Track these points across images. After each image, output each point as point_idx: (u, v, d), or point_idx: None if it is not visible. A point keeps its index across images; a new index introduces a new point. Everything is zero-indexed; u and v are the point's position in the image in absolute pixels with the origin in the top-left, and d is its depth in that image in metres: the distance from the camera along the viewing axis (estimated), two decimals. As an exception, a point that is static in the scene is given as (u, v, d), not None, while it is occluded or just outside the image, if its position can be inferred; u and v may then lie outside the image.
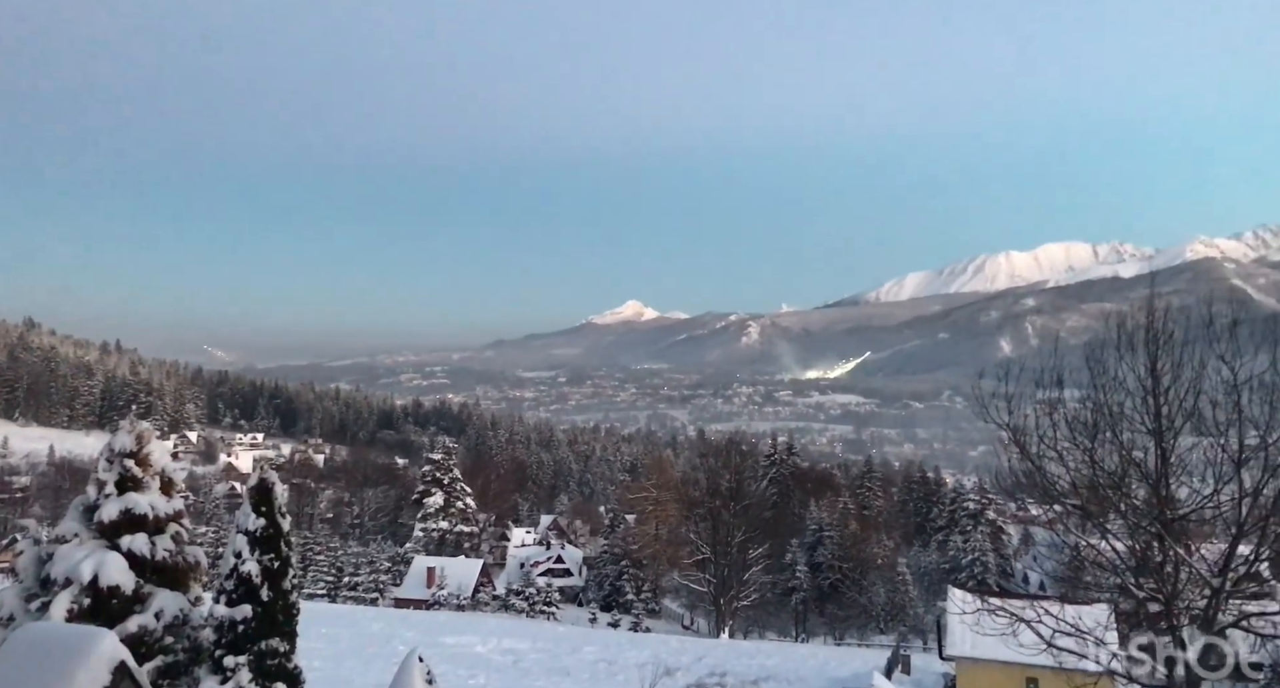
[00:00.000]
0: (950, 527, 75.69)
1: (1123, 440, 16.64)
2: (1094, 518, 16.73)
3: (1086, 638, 15.01)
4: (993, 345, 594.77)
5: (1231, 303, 29.21)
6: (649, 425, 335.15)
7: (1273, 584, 34.81)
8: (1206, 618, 14.36)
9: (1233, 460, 15.34)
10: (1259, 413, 15.46)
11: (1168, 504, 16.18)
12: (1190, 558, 15.74)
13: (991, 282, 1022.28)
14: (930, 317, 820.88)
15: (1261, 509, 15.22)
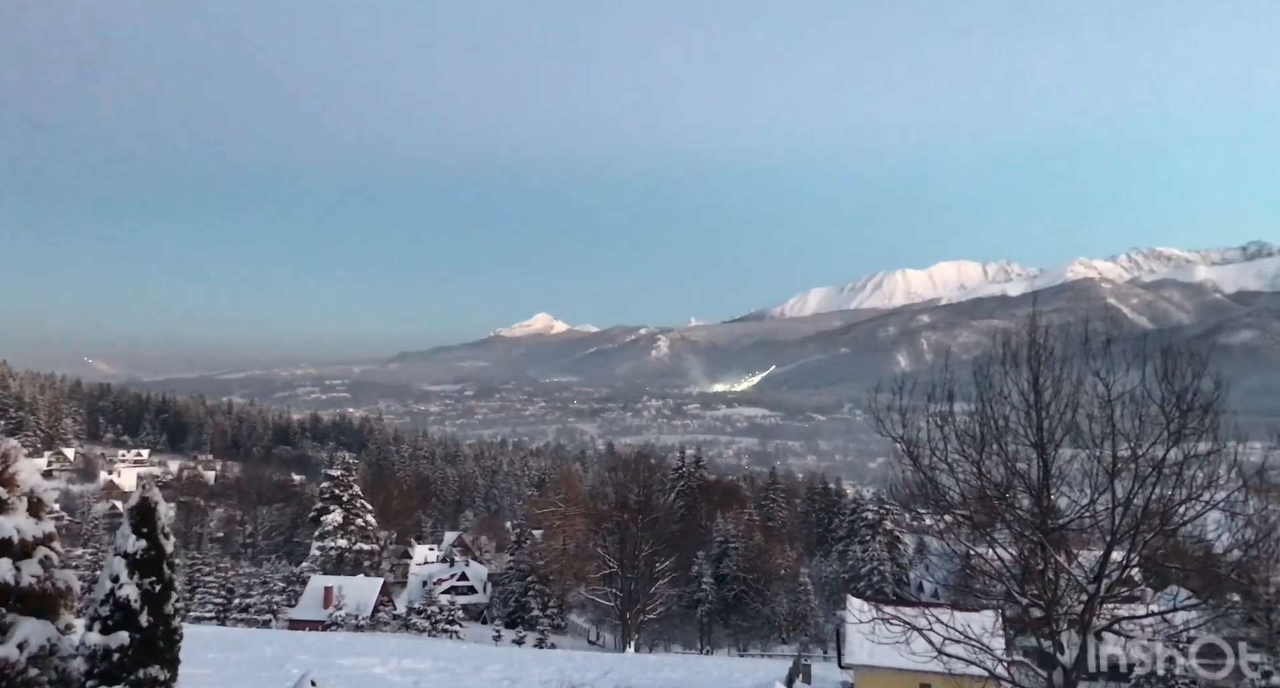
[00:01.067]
0: (850, 537, 77.66)
1: (1008, 453, 17.40)
2: (981, 528, 17.41)
3: (974, 645, 15.58)
4: (890, 360, 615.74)
5: (1106, 321, 30.91)
6: (558, 439, 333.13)
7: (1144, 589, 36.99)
8: (1083, 623, 15.11)
9: (1107, 472, 16.22)
10: (1130, 426, 16.42)
11: (1049, 514, 16.99)
12: (1069, 565, 16.57)
13: (890, 298, 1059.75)
14: (832, 332, 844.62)
15: (1132, 518, 16.15)
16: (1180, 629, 16.56)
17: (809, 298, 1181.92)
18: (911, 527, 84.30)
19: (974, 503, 18.30)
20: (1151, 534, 16.14)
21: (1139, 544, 16.13)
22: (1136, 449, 15.86)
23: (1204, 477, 16.28)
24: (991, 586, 18.63)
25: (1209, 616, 18.69)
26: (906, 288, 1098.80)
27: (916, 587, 68.19)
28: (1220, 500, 15.90)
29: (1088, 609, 15.30)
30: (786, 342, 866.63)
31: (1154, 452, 15.80)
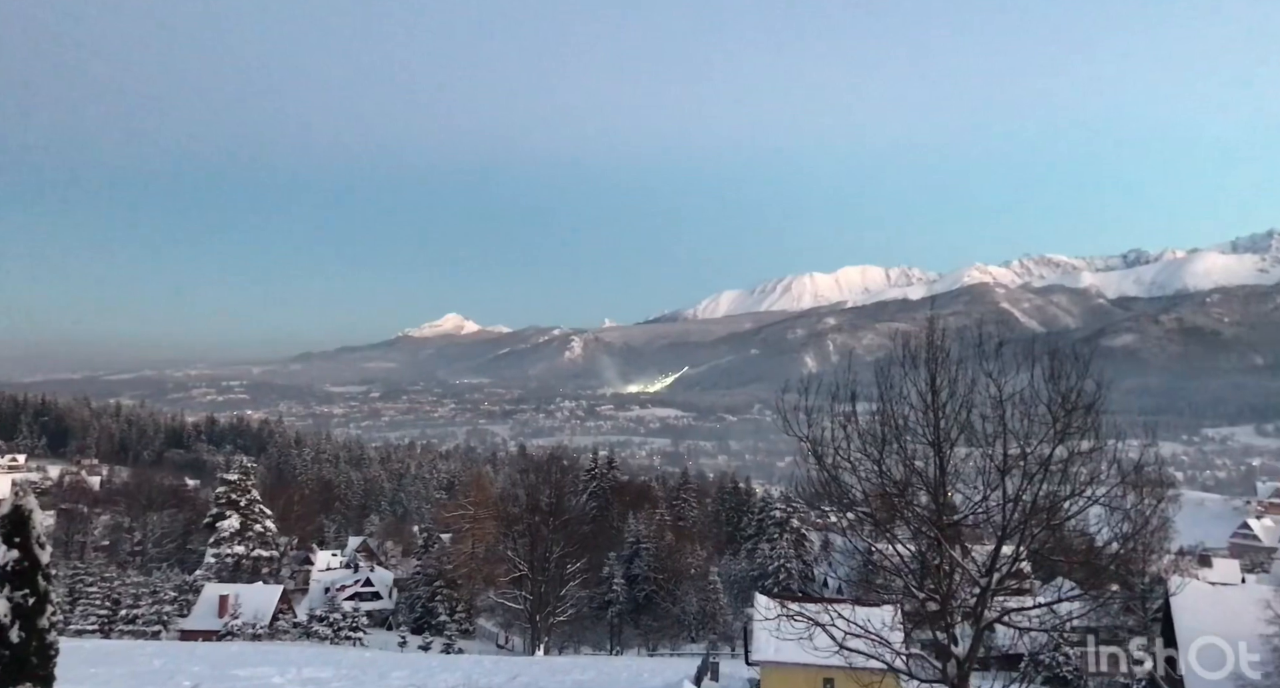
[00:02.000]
0: (759, 535, 78.97)
1: (907, 451, 17.98)
2: (882, 525, 17.91)
3: (874, 639, 16.02)
4: (799, 361, 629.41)
5: (1000, 325, 31.87)
6: (468, 442, 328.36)
7: (1033, 582, 38.82)
8: (975, 615, 15.71)
9: (998, 469, 16.94)
10: (1020, 426, 17.19)
11: (945, 510, 17.63)
12: (963, 560, 17.23)
13: (798, 301, 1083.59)
14: (743, 333, 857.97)
15: (1022, 513, 16.90)
16: (1064, 619, 17.40)
17: (721, 300, 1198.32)
18: (817, 524, 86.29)
19: (875, 500, 18.84)
20: (1039, 529, 16.93)
21: (1027, 539, 16.89)
22: (1025, 447, 16.61)
23: (1087, 473, 17.18)
24: (891, 581, 19.23)
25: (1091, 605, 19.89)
26: (814, 291, 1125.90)
27: (822, 583, 69.85)
28: (1101, 496, 16.80)
29: (980, 602, 15.92)
30: (699, 343, 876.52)
31: (1041, 450, 16.57)
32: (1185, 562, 48.91)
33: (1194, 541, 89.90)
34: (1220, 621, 27.13)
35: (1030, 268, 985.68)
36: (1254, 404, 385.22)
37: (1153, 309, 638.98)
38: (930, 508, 17.65)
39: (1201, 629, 27.20)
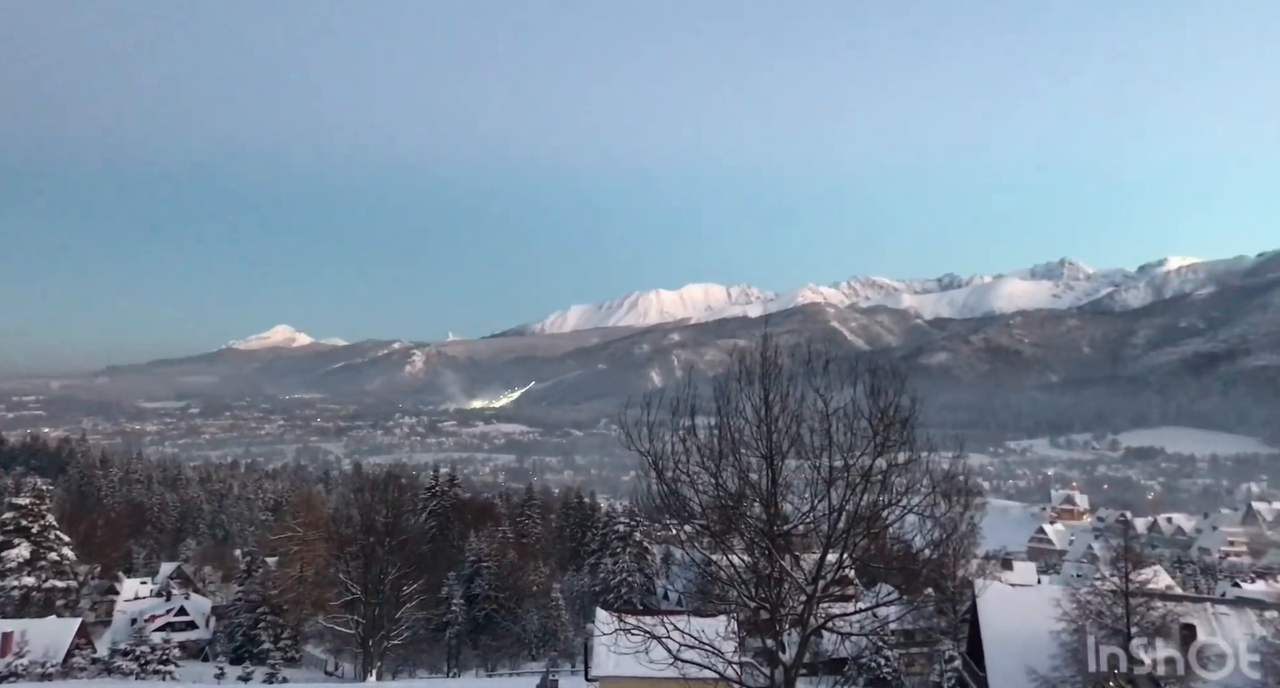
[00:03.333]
0: (602, 550, 79.13)
1: (742, 464, 18.57)
2: (718, 536, 18.34)
3: (708, 649, 16.33)
4: (645, 377, 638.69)
5: (829, 343, 33.24)
6: (298, 460, 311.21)
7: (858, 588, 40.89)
8: (803, 622, 16.33)
9: (824, 480, 17.78)
10: (844, 439, 18.13)
11: (776, 521, 18.30)
12: (792, 569, 17.92)
13: (644, 317, 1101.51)
14: (591, 348, 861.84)
15: (846, 522, 17.80)
16: (884, 622, 18.42)
17: (569, 315, 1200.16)
18: (659, 537, 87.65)
19: (712, 513, 19.31)
20: (861, 537, 17.86)
21: (851, 547, 17.78)
22: (849, 459, 17.54)
23: (903, 483, 18.32)
24: (727, 591, 19.74)
25: (908, 609, 21.33)
26: (660, 307, 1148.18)
27: (662, 596, 70.77)
28: (916, 504, 17.94)
29: (807, 609, 16.55)
30: (547, 358, 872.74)
31: (863, 461, 17.55)
32: (990, 565, 52.93)
33: (998, 545, 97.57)
34: (1019, 620, 29.52)
35: (857, 289, 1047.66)
36: (1050, 418, 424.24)
37: (964, 330, 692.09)
38: (763, 519, 18.25)
39: (1002, 628, 29.50)
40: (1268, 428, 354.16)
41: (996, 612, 30.68)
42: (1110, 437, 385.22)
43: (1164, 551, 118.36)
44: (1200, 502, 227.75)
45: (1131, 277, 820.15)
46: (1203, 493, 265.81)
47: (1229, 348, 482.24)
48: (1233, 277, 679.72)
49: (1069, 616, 27.46)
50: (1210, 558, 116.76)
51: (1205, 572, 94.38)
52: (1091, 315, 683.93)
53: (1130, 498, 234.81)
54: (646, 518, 61.03)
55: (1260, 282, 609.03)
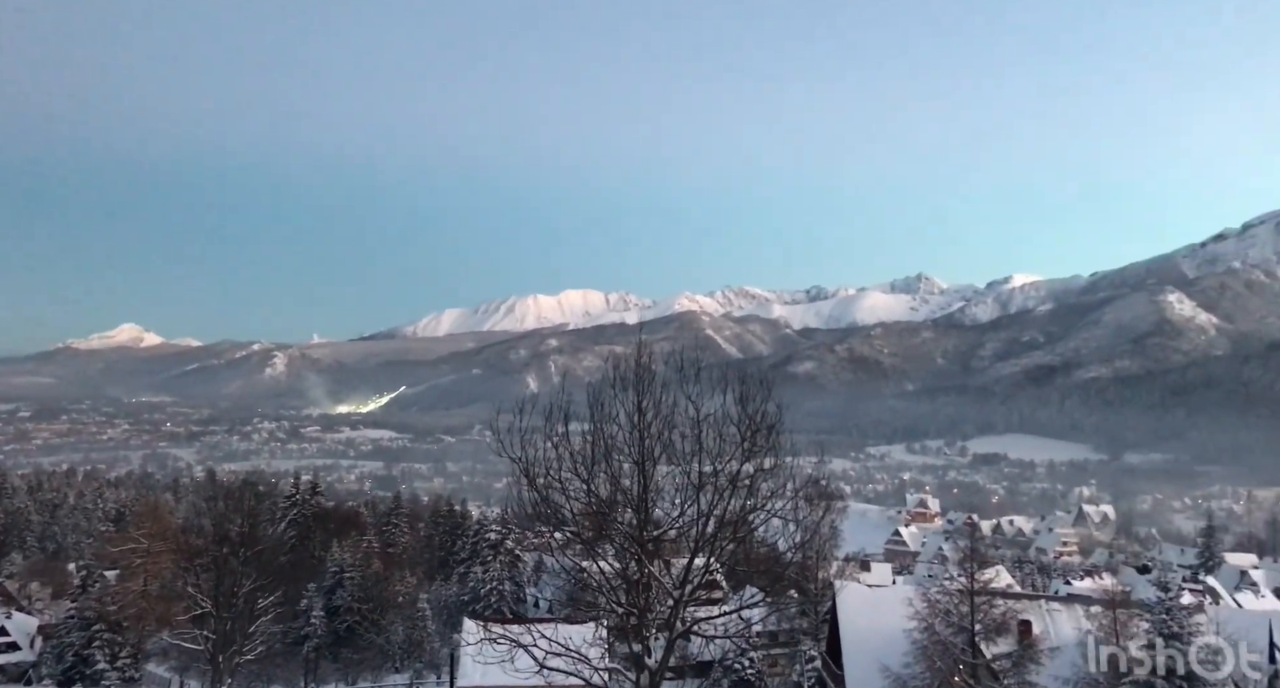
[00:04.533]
0: (472, 558, 77.68)
1: (614, 470, 18.63)
2: (587, 543, 18.32)
3: (574, 656, 16.29)
4: (521, 382, 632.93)
5: (704, 350, 33.96)
6: (145, 467, 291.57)
7: (726, 591, 41.73)
8: (669, 625, 16.52)
9: (694, 485, 18.08)
10: (714, 444, 18.49)
11: (647, 526, 18.45)
12: (661, 574, 18.11)
13: (522, 322, 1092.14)
14: (465, 353, 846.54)
15: (714, 526, 18.14)
16: (748, 624, 18.87)
17: (443, 318, 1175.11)
18: (531, 545, 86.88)
19: (584, 519, 19.29)
20: (727, 542, 18.25)
21: (718, 551, 18.14)
22: (717, 465, 17.91)
23: (769, 488, 18.85)
24: (596, 597, 19.75)
25: (772, 610, 21.96)
26: (538, 312, 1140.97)
27: (533, 604, 70.16)
28: (779, 508, 18.49)
29: (673, 613, 16.76)
30: (418, 362, 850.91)
31: (731, 466, 17.95)
32: (850, 567, 55.22)
33: (858, 547, 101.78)
34: (875, 619, 30.91)
35: (731, 298, 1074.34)
36: (906, 425, 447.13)
37: (829, 340, 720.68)
38: (634, 524, 18.36)
39: (860, 628, 30.81)
40: (1097, 436, 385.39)
41: (854, 612, 32.00)
42: (960, 443, 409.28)
43: (1006, 551, 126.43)
44: (1038, 505, 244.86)
45: (980, 292, 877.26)
46: (1041, 497, 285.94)
47: (1064, 361, 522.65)
48: (1069, 294, 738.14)
49: (920, 614, 28.93)
50: (1046, 558, 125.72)
51: (1041, 571, 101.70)
52: (945, 328, 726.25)
53: (977, 501, 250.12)
54: (519, 525, 60.39)
55: (1092, 300, 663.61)
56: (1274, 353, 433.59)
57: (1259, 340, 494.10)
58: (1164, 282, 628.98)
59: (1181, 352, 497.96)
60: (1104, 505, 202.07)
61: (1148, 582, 26.72)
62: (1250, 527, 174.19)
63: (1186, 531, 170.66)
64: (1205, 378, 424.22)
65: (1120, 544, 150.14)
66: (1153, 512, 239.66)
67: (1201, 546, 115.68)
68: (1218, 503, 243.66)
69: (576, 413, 19.09)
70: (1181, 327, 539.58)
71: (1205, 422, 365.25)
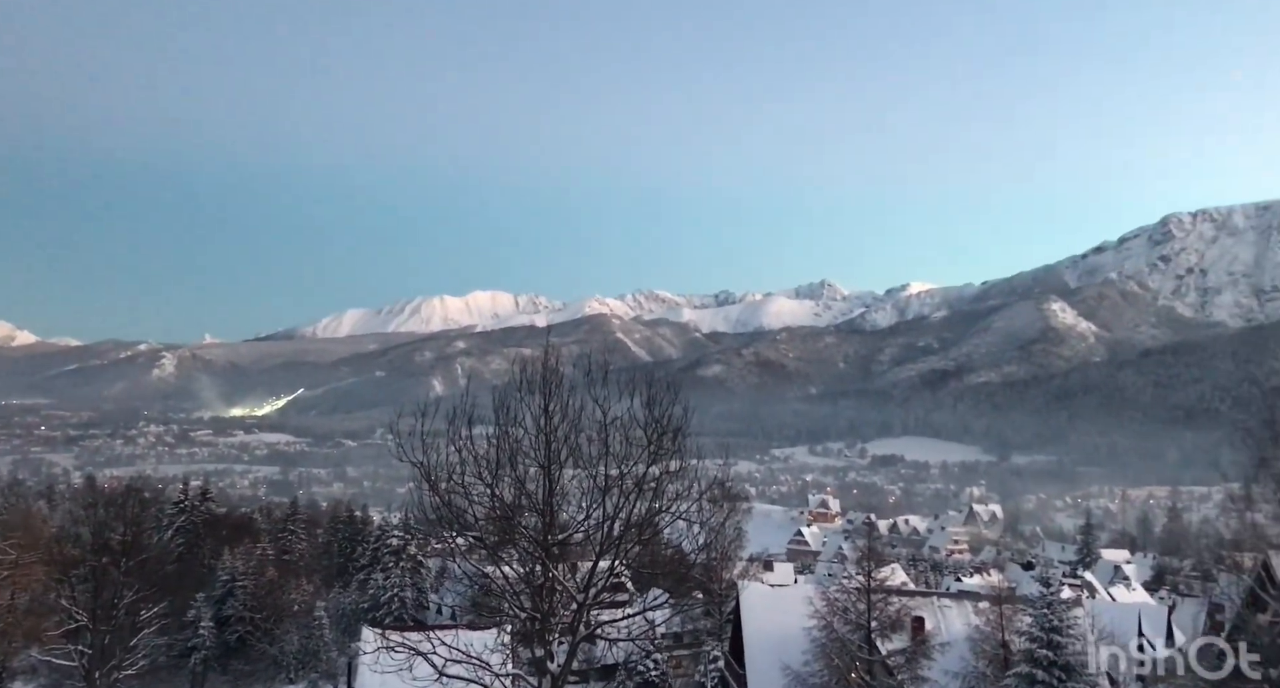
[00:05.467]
0: (373, 565, 75.90)
1: (520, 474, 18.48)
2: (490, 548, 18.12)
3: (475, 662, 16.06)
4: (426, 384, 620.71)
5: (614, 353, 33.82)
6: (16, 473, 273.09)
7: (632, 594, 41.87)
8: (572, 629, 16.46)
9: (600, 488, 18.09)
10: (620, 448, 18.55)
11: (551, 530, 18.36)
12: (571, 577, 18.05)
13: (427, 324, 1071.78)
14: (368, 354, 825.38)
15: (620, 529, 18.18)
16: (652, 626, 18.96)
17: (344, 319, 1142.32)
18: (434, 551, 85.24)
19: (488, 524, 19.05)
20: (632, 544, 18.32)
21: (623, 553, 18.19)
22: (624, 468, 17.97)
23: (675, 490, 19.03)
24: (500, 603, 19.53)
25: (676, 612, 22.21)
26: (444, 314, 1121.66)
27: (436, 610, 68.96)
28: (685, 510, 18.68)
29: (577, 617, 16.71)
30: (318, 363, 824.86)
31: (637, 469, 18.04)
32: (753, 567, 56.18)
33: (761, 547, 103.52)
34: (777, 618, 31.52)
35: (641, 302, 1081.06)
36: (809, 428, 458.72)
37: (737, 344, 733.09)
38: (538, 528, 18.26)
39: (762, 627, 31.37)
40: (987, 438, 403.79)
41: (757, 611, 32.57)
42: (860, 445, 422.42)
43: (902, 550, 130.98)
44: (932, 504, 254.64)
45: (880, 299, 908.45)
46: (935, 497, 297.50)
47: (958, 365, 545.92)
48: (962, 301, 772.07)
49: (819, 613, 29.66)
50: (939, 556, 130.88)
51: (934, 568, 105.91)
52: (846, 333, 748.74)
53: (876, 502, 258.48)
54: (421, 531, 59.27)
55: (983, 307, 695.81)
56: (1146, 360, 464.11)
57: (1132, 348, 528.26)
58: (1048, 291, 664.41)
59: (1064, 358, 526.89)
60: (993, 505, 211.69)
61: (1031, 578, 28.15)
62: (1124, 524, 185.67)
63: (1067, 528, 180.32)
64: (1085, 383, 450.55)
65: (1007, 542, 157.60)
66: (1037, 510, 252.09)
67: (1080, 543, 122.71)
68: (1095, 502, 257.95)
69: (482, 416, 18.88)
70: (1064, 334, 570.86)
71: (1084, 425, 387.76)
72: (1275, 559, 21.62)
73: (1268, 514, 20.89)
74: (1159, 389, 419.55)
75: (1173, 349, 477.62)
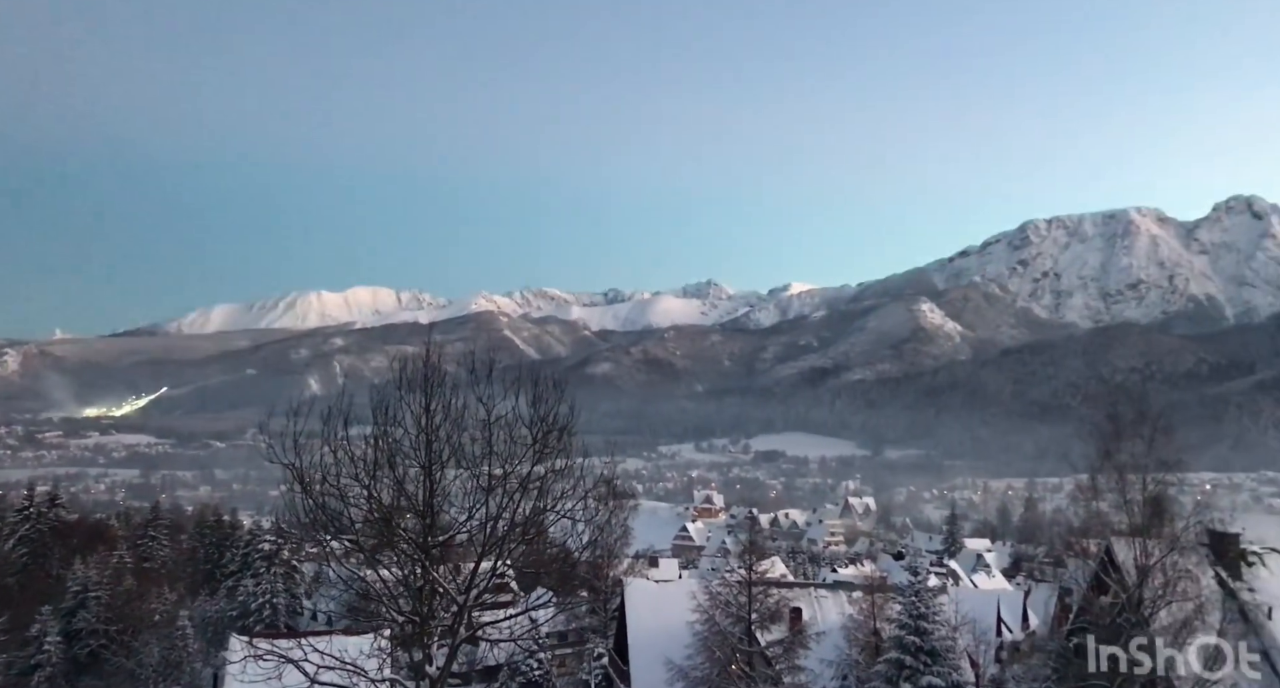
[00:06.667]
0: (243, 571, 72.62)
1: (399, 475, 17.98)
2: (366, 552, 17.60)
3: (349, 668, 15.57)
4: (302, 383, 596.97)
5: (502, 351, 33.31)
6: None
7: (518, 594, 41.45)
8: (452, 631, 16.15)
9: (483, 488, 17.81)
10: (504, 447, 18.30)
11: (432, 531, 17.95)
12: (454, 579, 17.68)
13: (303, 320, 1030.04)
14: (239, 351, 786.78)
15: (504, 529, 17.95)
16: (536, 626, 18.81)
17: (213, 314, 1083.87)
18: (310, 555, 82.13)
19: (365, 527, 18.46)
20: (516, 544, 18.12)
21: (506, 553, 17.96)
22: (508, 467, 17.74)
23: (560, 489, 18.92)
24: (378, 607, 18.96)
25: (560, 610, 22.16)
26: (321, 310, 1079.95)
27: (311, 616, 66.59)
28: (569, 509, 18.61)
29: (457, 619, 16.41)
30: (184, 361, 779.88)
31: (522, 468, 17.85)
32: (639, 564, 56.68)
33: (647, 544, 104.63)
34: (661, 614, 31.86)
35: (530, 299, 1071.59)
36: (696, 425, 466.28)
37: (626, 342, 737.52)
38: (418, 530, 17.83)
39: (646, 623, 31.63)
40: (862, 433, 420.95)
41: (641, 608, 32.82)
42: (744, 441, 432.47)
43: (782, 543, 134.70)
44: (811, 498, 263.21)
45: (763, 299, 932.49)
46: (813, 491, 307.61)
47: (836, 364, 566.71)
48: (839, 302, 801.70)
49: (702, 607, 30.14)
50: (816, 548, 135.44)
51: (812, 560, 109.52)
52: (731, 332, 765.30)
53: (758, 496, 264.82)
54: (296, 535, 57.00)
55: (859, 307, 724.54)
56: (1005, 358, 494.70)
57: (994, 347, 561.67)
58: (919, 292, 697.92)
59: (932, 356, 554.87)
60: (867, 498, 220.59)
61: (901, 567, 29.42)
62: (985, 514, 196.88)
63: (935, 519, 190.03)
64: (951, 380, 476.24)
65: (880, 533, 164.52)
66: (908, 503, 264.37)
67: (946, 533, 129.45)
68: (960, 494, 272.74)
69: (361, 416, 18.31)
70: (933, 334, 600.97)
71: (951, 420, 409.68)
72: (1117, 545, 23.33)
73: (1111, 503, 22.53)
74: (1017, 386, 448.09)
75: (1030, 348, 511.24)
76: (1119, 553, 23.11)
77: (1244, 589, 24.18)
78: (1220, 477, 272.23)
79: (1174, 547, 21.68)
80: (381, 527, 17.90)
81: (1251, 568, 25.13)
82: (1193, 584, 21.55)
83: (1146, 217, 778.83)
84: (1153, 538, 21.89)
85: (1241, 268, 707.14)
